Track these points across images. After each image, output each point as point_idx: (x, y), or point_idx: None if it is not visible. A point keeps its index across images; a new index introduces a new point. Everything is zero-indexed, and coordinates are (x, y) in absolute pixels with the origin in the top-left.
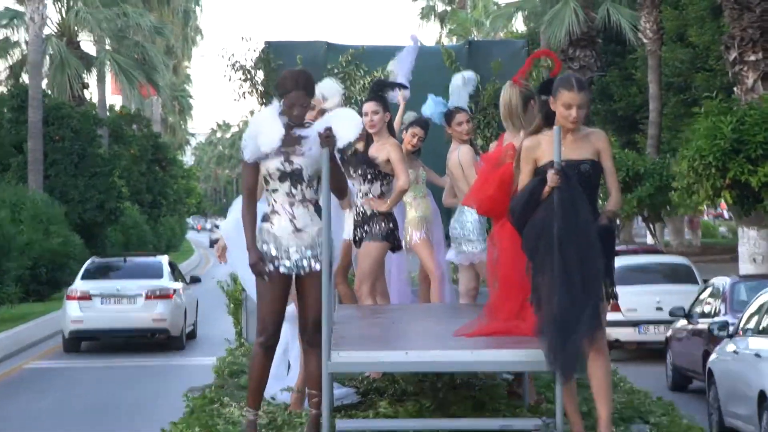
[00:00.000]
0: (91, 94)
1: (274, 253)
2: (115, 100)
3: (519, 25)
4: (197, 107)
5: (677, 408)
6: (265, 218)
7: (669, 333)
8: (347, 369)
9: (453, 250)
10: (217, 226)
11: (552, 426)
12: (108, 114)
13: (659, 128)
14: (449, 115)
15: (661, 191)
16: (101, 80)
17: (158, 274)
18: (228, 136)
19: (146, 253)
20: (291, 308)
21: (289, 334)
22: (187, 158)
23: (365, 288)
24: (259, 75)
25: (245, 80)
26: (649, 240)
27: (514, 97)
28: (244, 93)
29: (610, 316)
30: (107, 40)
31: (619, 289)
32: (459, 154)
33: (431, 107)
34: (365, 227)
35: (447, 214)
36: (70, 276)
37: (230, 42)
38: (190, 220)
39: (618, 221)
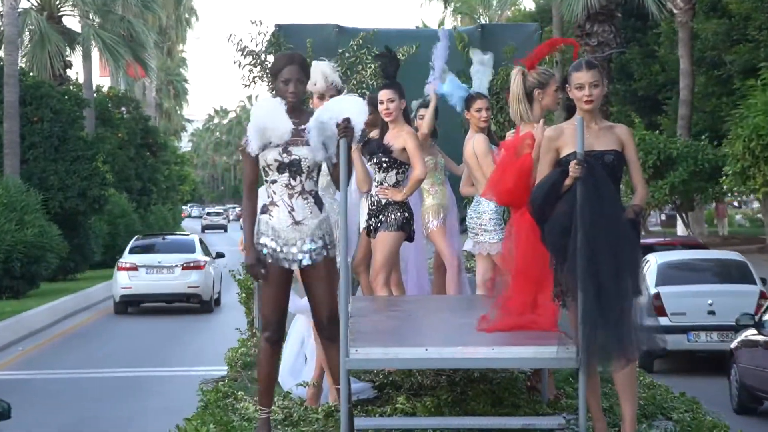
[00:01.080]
0: (78, 74)
1: (273, 245)
2: (105, 83)
3: (528, 2)
4: (194, 92)
5: (701, 405)
6: (264, 210)
7: (734, 344)
8: (365, 366)
9: (470, 240)
10: (208, 214)
11: (574, 423)
12: (95, 95)
13: (691, 108)
14: (469, 100)
15: (696, 177)
16: (87, 59)
17: (191, 249)
18: (225, 122)
19: (181, 233)
20: (305, 301)
21: (305, 327)
22: (184, 144)
23: (381, 279)
24: (270, 59)
25: (255, 65)
26: (681, 230)
27: (518, 85)
28: (254, 78)
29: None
30: (92, 16)
31: (664, 290)
32: (474, 144)
33: (450, 87)
34: (380, 217)
35: (460, 201)
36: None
37: (226, 24)
38: (187, 208)
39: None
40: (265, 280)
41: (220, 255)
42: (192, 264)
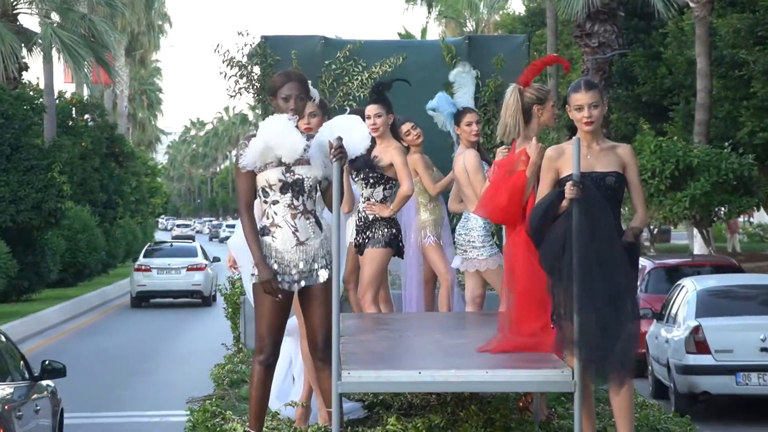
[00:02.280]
0: (39, 78)
1: (276, 267)
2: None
3: (517, 5)
4: (170, 103)
5: (695, 426)
6: (265, 232)
7: None
8: (358, 389)
9: (458, 257)
10: (177, 225)
11: None
12: (57, 101)
13: (709, 112)
14: (458, 115)
15: (719, 188)
16: (48, 61)
17: (194, 254)
18: (202, 134)
19: (186, 240)
20: (292, 321)
21: (292, 348)
22: (160, 157)
23: (369, 296)
24: (255, 70)
25: (241, 76)
26: (698, 248)
27: (513, 102)
28: (240, 89)
29: (695, 359)
30: (54, 16)
31: (706, 323)
32: (464, 160)
33: (439, 103)
34: (367, 233)
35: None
36: None
37: (202, 33)
38: (163, 221)
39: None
40: (280, 294)
41: (216, 259)
42: (195, 266)
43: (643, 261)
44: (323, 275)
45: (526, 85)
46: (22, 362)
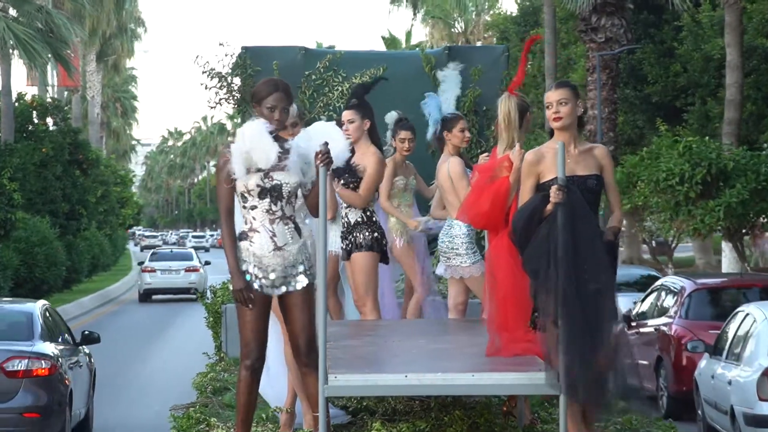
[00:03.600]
0: None
1: (255, 272)
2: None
3: (509, 4)
4: (147, 113)
5: (677, 429)
6: (243, 236)
7: None
8: (345, 393)
9: (441, 264)
10: (146, 236)
11: None
12: (16, 104)
13: (740, 110)
14: (451, 121)
15: (756, 196)
16: (5, 60)
17: (191, 258)
18: (180, 144)
19: (182, 247)
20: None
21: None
22: (137, 167)
23: (369, 303)
24: (236, 81)
25: (221, 87)
26: (727, 265)
27: (513, 110)
28: (220, 100)
29: None
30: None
31: None
32: (449, 167)
33: (428, 107)
34: (350, 237)
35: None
36: None
37: (180, 42)
38: (141, 232)
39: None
40: (253, 305)
41: (207, 263)
42: (192, 268)
43: (680, 281)
44: (302, 281)
45: (512, 94)
46: (66, 332)
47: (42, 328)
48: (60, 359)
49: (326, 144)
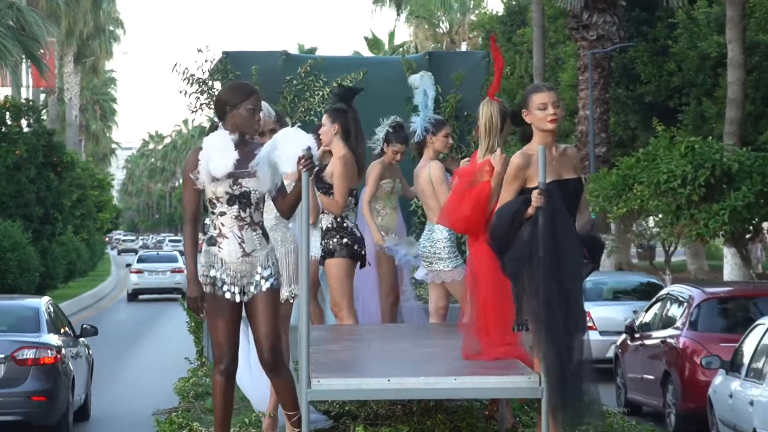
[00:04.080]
0: None
1: (223, 277)
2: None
3: (495, 4)
4: (128, 116)
5: None
6: (212, 242)
7: None
8: (327, 397)
9: (422, 268)
10: (123, 241)
11: None
12: None
13: (742, 109)
14: (437, 125)
15: (763, 198)
16: None
17: (176, 260)
18: (160, 147)
19: (168, 252)
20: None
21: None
22: (118, 171)
23: (344, 309)
24: (216, 86)
25: (202, 92)
26: (728, 272)
27: (495, 114)
28: (201, 105)
29: None
30: None
31: None
32: (429, 171)
33: (421, 121)
34: (323, 243)
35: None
36: None
37: (160, 44)
38: (120, 236)
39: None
40: (202, 314)
41: None
42: (177, 269)
43: (687, 290)
44: (266, 285)
45: (495, 100)
46: (67, 325)
47: (47, 321)
48: (63, 349)
49: (309, 149)
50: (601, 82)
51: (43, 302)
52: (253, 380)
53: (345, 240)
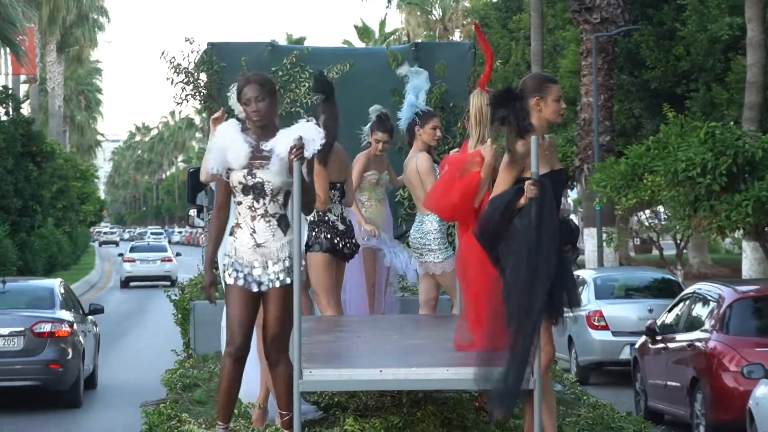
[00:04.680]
0: None
1: (237, 266)
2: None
3: None
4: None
5: (649, 424)
6: (231, 231)
7: None
8: (319, 388)
9: (414, 259)
10: (105, 233)
11: None
12: None
13: (763, 93)
14: (424, 117)
15: None
16: None
17: (165, 250)
18: (147, 139)
19: (158, 241)
20: None
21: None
22: (105, 163)
23: (323, 301)
24: (202, 77)
25: (188, 83)
26: (747, 267)
27: (485, 105)
28: (187, 96)
29: None
30: None
31: None
32: (417, 162)
33: (406, 111)
34: (308, 235)
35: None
36: None
37: (146, 35)
38: (107, 228)
39: None
40: (214, 302)
41: (178, 254)
42: (167, 258)
43: (716, 288)
44: (281, 280)
45: (486, 90)
46: (77, 304)
47: (60, 300)
48: (75, 324)
49: (300, 138)
50: (605, 67)
51: (56, 283)
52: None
53: (324, 234)
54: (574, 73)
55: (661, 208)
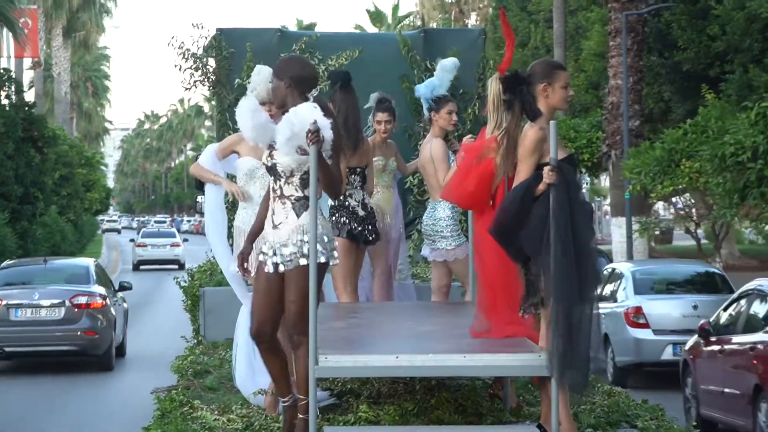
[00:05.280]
0: None
1: (261, 247)
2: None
3: None
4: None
5: (665, 412)
6: None
7: None
8: (335, 374)
9: (426, 246)
10: (107, 221)
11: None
12: None
13: None
14: (439, 102)
15: None
16: None
17: (174, 236)
18: (156, 127)
19: (167, 229)
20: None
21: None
22: (112, 151)
23: (340, 286)
24: (211, 63)
25: (196, 68)
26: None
27: (498, 93)
28: (195, 82)
29: None
30: None
31: None
32: (431, 149)
33: (425, 89)
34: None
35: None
36: None
37: (156, 19)
38: (115, 217)
39: None
40: (248, 274)
41: (185, 239)
42: (175, 243)
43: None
44: (294, 262)
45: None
46: (108, 281)
47: (95, 276)
48: (108, 297)
49: (315, 122)
50: (634, 47)
51: (91, 262)
52: (248, 366)
53: (343, 219)
54: (599, 56)
55: (675, 199)
